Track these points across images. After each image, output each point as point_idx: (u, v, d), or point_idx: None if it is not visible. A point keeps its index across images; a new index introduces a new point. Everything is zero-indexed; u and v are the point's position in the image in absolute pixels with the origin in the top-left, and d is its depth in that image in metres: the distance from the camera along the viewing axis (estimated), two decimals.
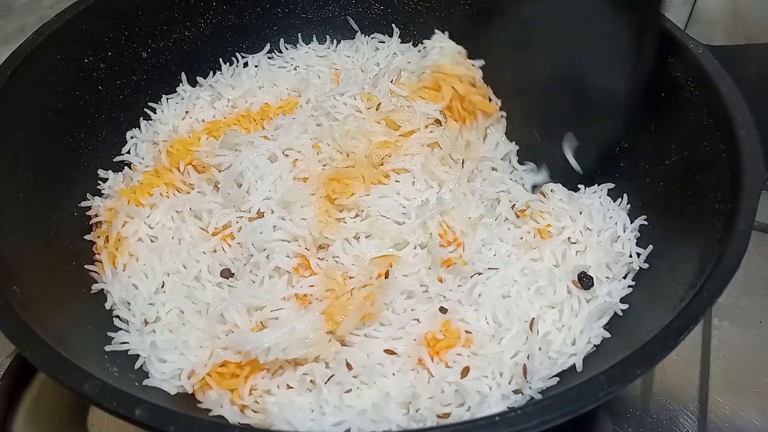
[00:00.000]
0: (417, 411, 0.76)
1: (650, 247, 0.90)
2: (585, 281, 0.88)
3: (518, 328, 0.83)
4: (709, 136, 0.84)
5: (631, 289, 0.89)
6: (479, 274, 0.89)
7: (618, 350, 0.75)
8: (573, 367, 0.81)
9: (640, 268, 0.90)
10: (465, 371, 0.79)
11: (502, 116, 1.09)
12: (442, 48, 1.11)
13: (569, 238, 0.94)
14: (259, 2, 1.22)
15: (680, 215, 0.86)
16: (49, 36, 0.94)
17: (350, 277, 0.86)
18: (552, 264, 0.91)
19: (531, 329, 0.83)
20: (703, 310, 0.66)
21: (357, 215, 0.93)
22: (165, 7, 1.12)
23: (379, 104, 1.03)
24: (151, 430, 0.59)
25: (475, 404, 0.76)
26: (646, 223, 0.93)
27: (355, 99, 1.04)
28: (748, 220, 0.72)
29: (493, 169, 1.04)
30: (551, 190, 0.99)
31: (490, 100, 1.09)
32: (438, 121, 1.02)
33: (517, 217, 0.97)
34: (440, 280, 0.89)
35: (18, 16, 1.41)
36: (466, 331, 0.83)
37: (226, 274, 0.90)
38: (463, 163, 1.01)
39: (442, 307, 0.85)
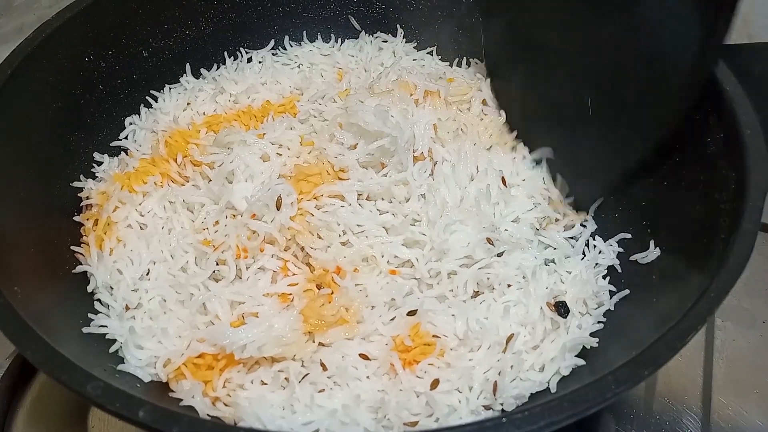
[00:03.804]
0: (385, 417, 0.75)
1: (626, 291, 0.89)
2: (560, 309, 0.86)
3: (491, 341, 0.82)
4: (713, 135, 0.84)
5: (601, 326, 0.86)
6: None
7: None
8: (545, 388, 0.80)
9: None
10: (435, 383, 0.78)
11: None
12: None
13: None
14: (260, 1, 1.22)
15: (685, 215, 0.86)
16: (50, 35, 0.93)
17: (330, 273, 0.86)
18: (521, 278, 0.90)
19: (507, 345, 0.82)
20: (710, 310, 0.66)
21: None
22: (165, 6, 1.11)
23: None
24: None
25: (444, 416, 0.76)
26: (629, 236, 0.93)
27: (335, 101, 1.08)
28: (755, 220, 0.72)
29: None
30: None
31: None
32: None
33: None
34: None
35: (17, 15, 1.42)
36: (434, 335, 0.82)
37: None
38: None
39: (411, 310, 0.84)
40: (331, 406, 0.75)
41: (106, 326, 0.84)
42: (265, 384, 0.79)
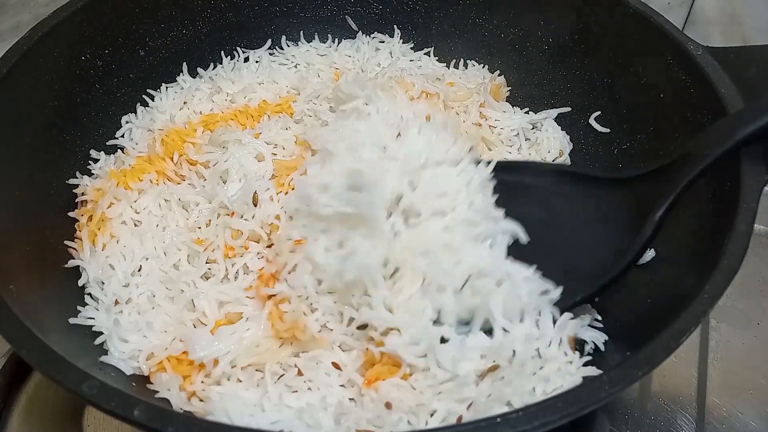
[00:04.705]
0: (346, 424, 0.73)
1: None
2: (579, 347, 0.81)
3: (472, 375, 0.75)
4: None
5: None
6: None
7: None
8: None
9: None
10: (388, 406, 0.74)
11: None
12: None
13: None
14: (257, 1, 1.22)
15: (680, 216, 0.86)
16: (46, 33, 0.93)
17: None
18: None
19: (487, 374, 0.76)
20: (704, 311, 0.66)
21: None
22: (162, 5, 1.11)
23: None
24: (149, 431, 0.59)
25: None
26: None
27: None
28: (749, 221, 0.72)
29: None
30: None
31: None
32: None
33: None
34: None
35: (13, 14, 1.41)
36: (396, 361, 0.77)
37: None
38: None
39: (360, 324, 0.79)
40: (298, 405, 0.75)
41: (93, 318, 0.84)
42: (240, 381, 0.79)
